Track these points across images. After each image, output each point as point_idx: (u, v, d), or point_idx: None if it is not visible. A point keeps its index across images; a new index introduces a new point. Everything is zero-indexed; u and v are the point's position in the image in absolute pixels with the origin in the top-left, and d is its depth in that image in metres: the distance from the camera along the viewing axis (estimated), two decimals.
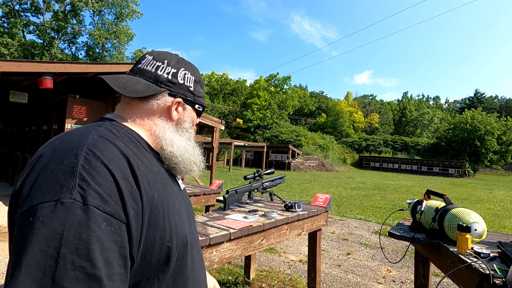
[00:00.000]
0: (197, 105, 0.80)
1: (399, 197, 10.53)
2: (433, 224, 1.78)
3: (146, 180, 0.59)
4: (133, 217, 0.53)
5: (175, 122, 0.75)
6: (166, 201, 0.63)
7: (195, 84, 0.79)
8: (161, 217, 0.59)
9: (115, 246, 0.49)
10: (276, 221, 1.96)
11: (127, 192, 0.53)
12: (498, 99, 67.55)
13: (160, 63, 0.73)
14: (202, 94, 0.82)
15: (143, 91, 0.69)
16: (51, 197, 0.47)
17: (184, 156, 0.74)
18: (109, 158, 0.54)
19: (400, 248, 4.53)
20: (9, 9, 23.35)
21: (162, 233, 0.59)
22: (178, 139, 0.74)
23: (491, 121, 33.51)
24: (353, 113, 50.53)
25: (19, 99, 6.53)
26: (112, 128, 0.63)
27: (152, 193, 0.59)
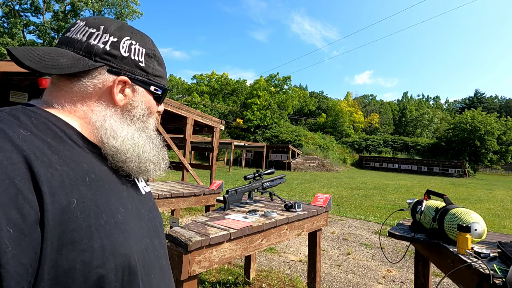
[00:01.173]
0: (154, 87, 0.62)
1: (399, 197, 10.54)
2: (433, 224, 1.78)
3: (59, 182, 0.43)
4: (10, 237, 0.36)
5: (120, 108, 0.59)
6: (98, 209, 0.46)
7: (148, 59, 0.61)
8: (84, 233, 0.43)
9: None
10: (276, 221, 1.96)
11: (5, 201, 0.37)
12: (498, 99, 67.55)
13: (94, 30, 0.55)
14: (161, 73, 0.64)
15: (68, 66, 0.51)
16: None
17: (133, 152, 0.57)
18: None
19: (400, 248, 4.53)
20: (9, 9, 23.37)
21: (88, 255, 0.43)
22: (125, 129, 0.58)
23: (491, 121, 33.53)
24: (353, 113, 50.56)
25: (19, 99, 6.53)
26: (20, 113, 0.47)
27: (67, 199, 0.43)
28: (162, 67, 0.65)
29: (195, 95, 41.82)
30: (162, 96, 0.66)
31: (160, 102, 0.67)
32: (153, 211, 0.65)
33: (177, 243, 1.69)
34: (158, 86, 0.63)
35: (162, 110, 0.70)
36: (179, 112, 6.73)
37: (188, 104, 35.45)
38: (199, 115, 7.30)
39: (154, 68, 0.62)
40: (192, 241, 1.40)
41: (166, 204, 3.04)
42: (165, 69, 0.67)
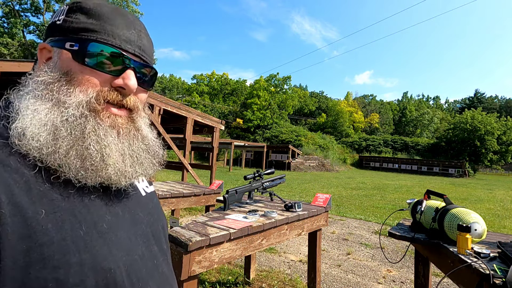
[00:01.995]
0: (69, 43, 0.47)
1: (399, 197, 10.54)
2: (433, 224, 1.78)
3: (26, 190, 0.37)
4: None
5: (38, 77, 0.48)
6: (74, 220, 0.40)
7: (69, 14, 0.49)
8: (56, 248, 0.37)
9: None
10: (276, 221, 1.96)
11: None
12: (498, 99, 67.56)
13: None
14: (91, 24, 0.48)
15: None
16: None
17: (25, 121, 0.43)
18: None
19: (400, 248, 4.53)
20: (9, 9, 23.37)
21: (63, 272, 0.37)
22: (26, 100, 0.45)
23: (491, 121, 33.53)
24: (353, 113, 50.56)
25: None
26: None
27: (34, 209, 0.37)
28: (98, 18, 0.48)
29: (195, 95, 41.83)
30: (89, 53, 0.46)
31: (90, 62, 0.46)
32: (154, 213, 0.58)
33: (177, 243, 1.69)
34: (75, 40, 0.47)
35: (126, 83, 0.49)
36: (179, 112, 6.73)
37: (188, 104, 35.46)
38: (199, 115, 7.31)
39: (78, 21, 0.48)
40: (192, 241, 1.40)
41: (166, 204, 3.04)
42: (110, 22, 0.49)
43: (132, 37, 0.50)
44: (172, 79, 60.87)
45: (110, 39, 0.48)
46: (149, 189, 0.60)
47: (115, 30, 0.48)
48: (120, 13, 0.51)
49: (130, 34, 0.50)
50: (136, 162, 0.51)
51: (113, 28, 0.48)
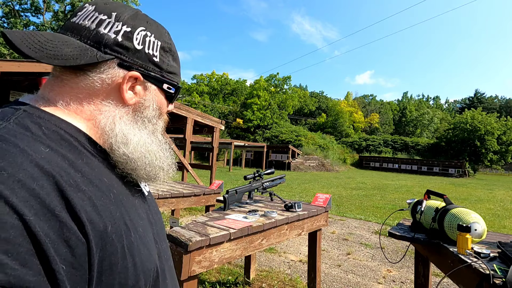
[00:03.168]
0: (167, 85, 0.55)
1: (399, 197, 10.54)
2: (433, 224, 1.78)
3: (91, 206, 0.38)
4: (67, 277, 0.33)
5: (131, 108, 0.51)
6: (126, 227, 0.43)
7: (163, 53, 0.53)
8: (119, 255, 0.41)
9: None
10: (276, 221, 1.96)
11: (52, 238, 0.32)
12: (498, 99, 67.55)
13: (105, 17, 0.47)
14: (176, 69, 0.57)
15: (73, 57, 0.43)
16: None
17: (145, 160, 0.50)
18: (13, 181, 0.32)
19: (400, 248, 4.54)
20: (9, 9, 23.38)
21: (124, 276, 0.41)
22: (137, 134, 0.51)
23: (491, 121, 33.54)
24: (353, 113, 50.56)
25: None
26: (28, 121, 0.40)
27: (103, 223, 0.39)
28: (177, 62, 0.57)
29: (195, 95, 41.84)
30: (175, 95, 0.58)
31: (172, 101, 0.59)
32: (158, 213, 0.60)
33: (177, 243, 1.69)
34: (171, 84, 0.56)
35: (172, 109, 0.61)
36: (179, 112, 6.73)
37: (188, 104, 35.47)
38: (199, 115, 7.30)
39: (169, 64, 0.55)
40: (192, 241, 1.40)
41: (166, 204, 3.04)
42: (179, 65, 0.59)
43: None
44: None
45: (180, 81, 0.60)
46: (147, 188, 0.60)
47: (180, 71, 0.60)
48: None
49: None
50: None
51: (180, 70, 0.60)
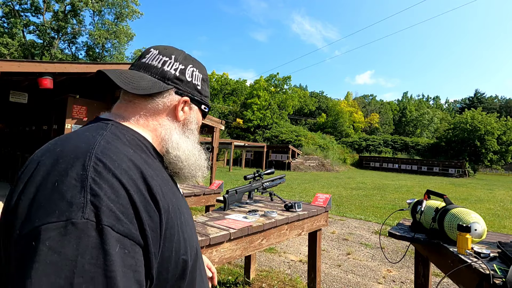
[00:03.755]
0: (204, 106, 0.74)
1: (399, 197, 10.54)
2: (433, 224, 1.78)
3: (161, 191, 0.53)
4: (150, 235, 0.47)
5: (181, 123, 0.69)
6: (179, 211, 0.58)
7: (203, 82, 0.73)
8: (175, 230, 0.54)
9: (130, 271, 0.42)
10: (276, 221, 1.96)
11: (142, 208, 0.47)
12: (498, 99, 67.53)
13: (167, 58, 0.67)
14: (208, 94, 0.77)
15: (149, 88, 0.62)
16: (59, 217, 0.39)
17: (189, 161, 0.68)
18: (121, 169, 0.47)
19: (400, 248, 4.53)
20: (9, 9, 23.36)
21: (178, 246, 0.54)
22: (185, 141, 0.68)
23: (491, 121, 33.52)
24: (353, 113, 50.54)
25: (19, 99, 6.52)
26: (117, 131, 0.56)
27: (167, 204, 0.53)
28: (208, 88, 0.77)
29: None
30: (207, 113, 0.77)
31: (205, 117, 0.77)
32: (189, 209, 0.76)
33: None
34: (206, 105, 0.75)
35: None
36: None
37: None
38: None
39: (205, 90, 0.74)
40: None
41: None
42: (209, 90, 0.78)
43: None
44: None
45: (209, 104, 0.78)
46: (181, 190, 0.77)
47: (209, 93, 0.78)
48: None
49: None
50: None
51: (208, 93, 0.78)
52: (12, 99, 6.44)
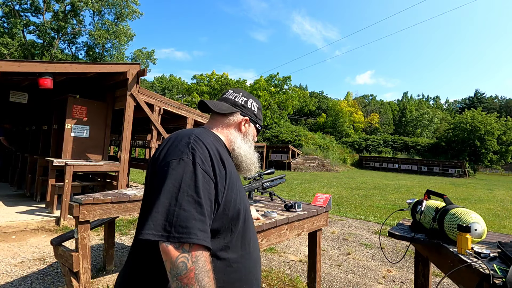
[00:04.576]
0: (258, 125, 1.18)
1: (399, 197, 10.54)
2: (433, 224, 1.78)
3: (227, 161, 0.91)
4: (219, 178, 0.84)
5: (242, 134, 1.11)
6: (237, 179, 0.96)
7: (258, 110, 1.18)
8: (235, 187, 0.91)
9: (207, 192, 0.79)
10: (276, 221, 1.96)
11: (215, 163, 0.85)
12: (498, 99, 67.52)
13: (237, 94, 1.14)
14: (261, 118, 1.21)
15: (226, 110, 1.07)
16: (177, 156, 0.82)
17: (246, 157, 1.08)
18: (206, 142, 0.88)
19: (400, 248, 4.53)
20: (9, 9, 23.34)
21: (236, 197, 0.90)
22: (244, 145, 1.09)
23: (491, 121, 33.51)
24: (353, 113, 50.51)
25: (19, 99, 6.52)
26: (205, 131, 0.98)
27: (230, 169, 0.91)
28: (262, 115, 1.21)
29: (195, 95, 41.79)
30: (260, 130, 1.20)
31: (258, 133, 1.20)
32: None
33: None
34: (260, 125, 1.20)
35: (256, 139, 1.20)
36: (179, 112, 6.72)
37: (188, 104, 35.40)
38: (199, 115, 7.30)
39: (259, 115, 1.19)
40: None
41: None
42: (262, 116, 1.22)
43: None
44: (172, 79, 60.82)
45: (262, 124, 1.22)
46: None
47: (262, 118, 1.23)
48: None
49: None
50: None
51: (262, 117, 1.23)
52: (12, 99, 6.44)
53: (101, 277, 2.99)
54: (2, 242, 3.90)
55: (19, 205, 5.56)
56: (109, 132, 6.18)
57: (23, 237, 4.14)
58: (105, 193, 2.76)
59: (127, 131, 5.59)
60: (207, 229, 0.76)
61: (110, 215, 2.54)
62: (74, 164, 4.89)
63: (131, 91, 5.52)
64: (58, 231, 4.43)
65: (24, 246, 3.80)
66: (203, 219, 0.75)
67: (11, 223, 4.37)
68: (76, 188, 5.46)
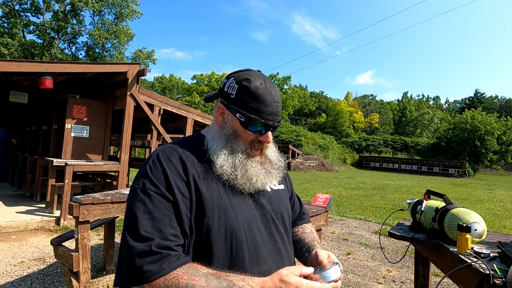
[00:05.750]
0: (238, 114, 0.81)
1: (399, 197, 10.53)
2: (433, 224, 1.78)
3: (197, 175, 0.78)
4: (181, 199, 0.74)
5: (219, 126, 0.87)
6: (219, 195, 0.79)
7: (238, 92, 0.81)
8: (208, 207, 0.77)
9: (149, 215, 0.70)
10: None
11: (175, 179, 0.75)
12: (498, 99, 67.52)
13: (225, 79, 0.87)
14: (253, 104, 0.80)
15: (210, 98, 0.92)
16: (135, 184, 0.77)
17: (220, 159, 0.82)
18: (166, 155, 0.79)
19: (400, 248, 4.53)
20: (9, 9, 23.34)
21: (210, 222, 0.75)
22: (216, 142, 0.84)
23: (491, 121, 33.50)
24: (353, 113, 50.51)
25: (19, 99, 6.52)
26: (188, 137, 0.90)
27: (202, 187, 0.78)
28: (255, 99, 0.81)
29: (195, 95, 41.81)
30: (249, 124, 0.82)
31: (249, 129, 0.83)
32: (275, 204, 0.89)
33: None
34: (242, 114, 0.81)
35: (266, 139, 0.86)
36: (179, 112, 6.73)
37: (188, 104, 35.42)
38: (199, 115, 7.30)
39: (243, 100, 0.81)
40: None
41: None
42: (262, 102, 0.81)
43: (272, 110, 0.82)
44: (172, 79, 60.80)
45: (261, 115, 0.81)
46: (276, 187, 0.93)
47: (264, 108, 0.81)
48: (268, 92, 0.81)
49: (272, 109, 0.82)
50: (268, 175, 0.88)
51: (263, 107, 0.81)
52: (12, 99, 6.44)
53: (101, 277, 2.99)
54: (2, 242, 3.90)
55: (19, 205, 5.56)
56: (109, 132, 6.18)
57: (23, 237, 4.14)
58: (105, 193, 2.76)
59: (127, 131, 5.59)
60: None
61: (110, 215, 2.54)
62: (74, 164, 4.89)
63: (131, 91, 5.52)
64: (58, 231, 4.43)
65: (24, 246, 3.80)
66: None
67: (11, 223, 4.38)
68: (76, 188, 5.46)
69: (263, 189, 0.87)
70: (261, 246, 0.79)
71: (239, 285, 0.64)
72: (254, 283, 0.66)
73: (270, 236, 0.83)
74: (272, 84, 0.84)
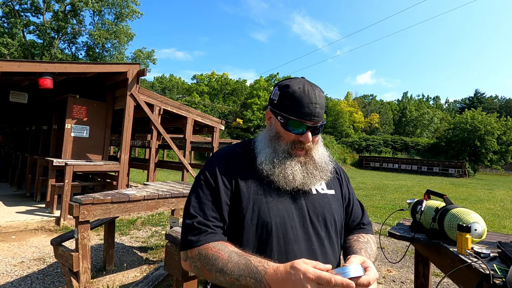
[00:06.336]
0: (279, 117, 0.90)
1: (399, 197, 10.53)
2: (433, 224, 1.78)
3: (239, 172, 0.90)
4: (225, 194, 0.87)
5: (266, 129, 0.97)
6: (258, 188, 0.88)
7: (280, 97, 0.90)
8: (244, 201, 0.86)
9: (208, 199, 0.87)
10: None
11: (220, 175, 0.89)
12: (498, 99, 67.52)
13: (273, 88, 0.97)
14: (290, 107, 0.87)
15: (265, 107, 0.98)
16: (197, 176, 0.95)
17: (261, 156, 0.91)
18: (217, 156, 0.96)
19: (400, 248, 4.53)
20: (9, 9, 23.34)
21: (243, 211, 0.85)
22: (261, 142, 0.95)
23: (491, 121, 33.52)
24: (353, 113, 50.52)
25: (19, 99, 6.52)
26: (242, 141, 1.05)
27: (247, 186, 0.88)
28: (293, 102, 0.87)
29: (195, 95, 41.81)
30: (288, 125, 0.89)
31: (289, 129, 0.89)
32: (318, 207, 0.92)
33: (177, 243, 1.69)
34: (282, 116, 0.89)
35: (306, 139, 0.89)
36: (179, 112, 6.72)
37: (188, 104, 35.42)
38: (199, 115, 7.30)
39: (283, 104, 0.89)
40: None
41: (166, 204, 3.04)
42: (298, 104, 0.86)
43: (309, 111, 0.86)
44: (172, 79, 60.78)
45: (297, 116, 0.87)
46: (324, 191, 0.97)
47: (301, 109, 0.86)
48: (306, 95, 0.87)
49: (309, 110, 0.86)
50: (309, 176, 0.91)
51: (300, 109, 0.86)
52: (12, 99, 6.44)
53: (101, 277, 2.99)
54: (2, 242, 3.89)
55: (19, 205, 5.56)
56: (109, 132, 6.18)
57: (23, 237, 4.14)
58: (105, 193, 2.76)
59: (127, 131, 5.59)
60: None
61: (110, 215, 2.54)
62: (74, 164, 4.89)
63: (131, 91, 5.52)
64: (58, 231, 4.43)
65: (24, 246, 3.80)
66: None
67: (11, 223, 4.38)
68: (76, 188, 5.46)
69: (305, 190, 0.91)
70: (293, 243, 0.84)
71: (254, 264, 0.73)
72: (269, 265, 0.72)
73: (305, 236, 0.87)
74: (313, 87, 0.89)
